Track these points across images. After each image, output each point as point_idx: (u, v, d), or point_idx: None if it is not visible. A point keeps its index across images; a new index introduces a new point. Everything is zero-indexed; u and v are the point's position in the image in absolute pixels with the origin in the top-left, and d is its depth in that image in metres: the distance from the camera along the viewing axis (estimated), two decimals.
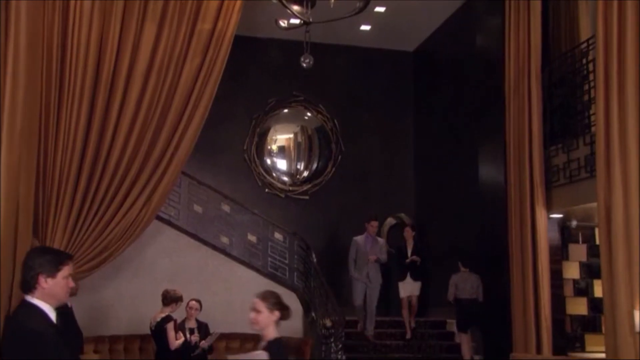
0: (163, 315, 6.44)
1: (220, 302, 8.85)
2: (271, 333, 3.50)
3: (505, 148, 8.14)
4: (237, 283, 9.02)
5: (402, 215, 11.56)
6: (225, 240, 9.36)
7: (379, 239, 9.76)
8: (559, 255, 8.04)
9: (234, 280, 9.03)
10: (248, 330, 8.80)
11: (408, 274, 9.69)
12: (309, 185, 11.47)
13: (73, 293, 6.13)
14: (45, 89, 6.78)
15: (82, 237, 6.98)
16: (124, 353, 8.04)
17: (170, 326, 6.32)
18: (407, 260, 9.69)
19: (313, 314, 8.90)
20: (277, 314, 3.56)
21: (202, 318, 8.67)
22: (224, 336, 8.58)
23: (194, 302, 6.92)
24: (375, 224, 9.57)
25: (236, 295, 8.95)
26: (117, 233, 7.13)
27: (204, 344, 6.73)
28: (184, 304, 7.15)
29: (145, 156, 7.26)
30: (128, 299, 8.49)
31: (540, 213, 7.58)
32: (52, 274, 2.93)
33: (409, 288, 9.65)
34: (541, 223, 7.56)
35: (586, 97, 7.37)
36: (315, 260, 9.08)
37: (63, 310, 5.69)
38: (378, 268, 9.38)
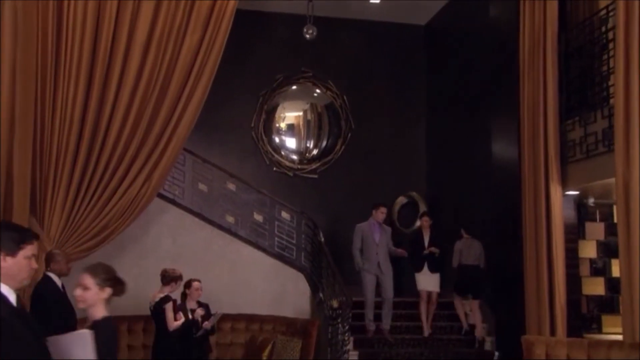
0: (162, 295, 6.25)
1: (226, 282, 8.68)
2: (99, 312, 3.10)
3: (519, 122, 7.82)
4: (243, 263, 8.84)
5: (414, 194, 11.28)
6: (230, 219, 9.15)
7: (386, 227, 8.92)
8: (574, 233, 7.74)
9: (240, 260, 8.84)
10: (255, 311, 8.74)
11: (425, 265, 8.81)
12: (318, 164, 11.21)
13: (65, 274, 5.98)
14: (41, 64, 6.60)
15: (81, 215, 6.83)
16: (127, 334, 7.88)
17: (169, 306, 6.13)
18: (425, 252, 8.82)
19: (321, 295, 8.71)
20: (108, 290, 3.15)
21: (206, 299, 8.53)
22: (229, 317, 8.42)
23: (197, 282, 6.74)
24: (384, 210, 8.79)
25: (242, 276, 8.79)
26: (116, 211, 6.97)
27: (207, 324, 6.54)
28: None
29: (145, 132, 7.07)
30: (131, 279, 8.06)
31: (555, 190, 7.27)
32: (13, 252, 2.71)
33: (428, 281, 8.78)
34: (556, 200, 7.25)
35: (605, 68, 7.00)
36: (322, 239, 8.85)
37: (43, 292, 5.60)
38: (388, 256, 8.64)
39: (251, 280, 8.80)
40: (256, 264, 8.88)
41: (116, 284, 3.13)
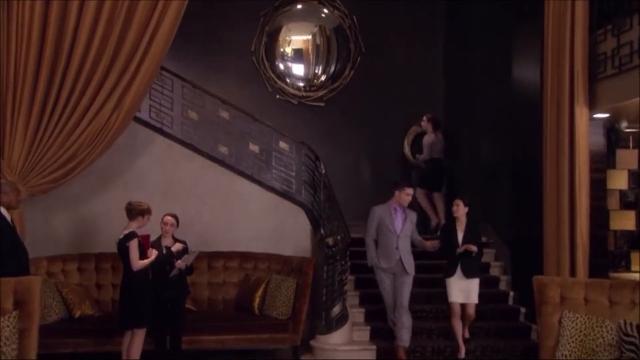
0: (127, 231, 5.62)
1: (220, 218, 8.07)
2: None
3: (542, 38, 6.83)
4: (238, 198, 8.16)
5: None
6: (224, 150, 8.41)
7: (411, 213, 6.84)
8: (603, 162, 6.90)
9: (234, 194, 8.16)
10: (250, 248, 8.11)
11: (459, 268, 6.58)
12: (325, 91, 10.36)
13: (14, 207, 5.39)
14: None
15: (45, 143, 6.25)
16: (111, 271, 7.35)
17: (133, 244, 5.49)
18: (459, 250, 6.58)
19: (322, 231, 8.01)
20: None
21: (198, 235, 7.94)
22: (222, 255, 7.85)
23: (168, 217, 6.06)
24: (410, 192, 6.76)
25: (237, 211, 8.14)
26: (85, 140, 6.35)
27: (181, 263, 5.90)
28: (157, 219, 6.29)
29: (114, 53, 6.38)
30: (117, 214, 7.57)
31: (581, 112, 6.38)
32: None
33: (462, 290, 6.59)
34: (581, 124, 6.37)
35: None
36: (324, 171, 8.08)
37: None
38: (410, 248, 6.76)
39: (247, 215, 8.12)
40: (252, 198, 8.18)
41: None
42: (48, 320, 6.69)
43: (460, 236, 6.61)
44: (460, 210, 6.66)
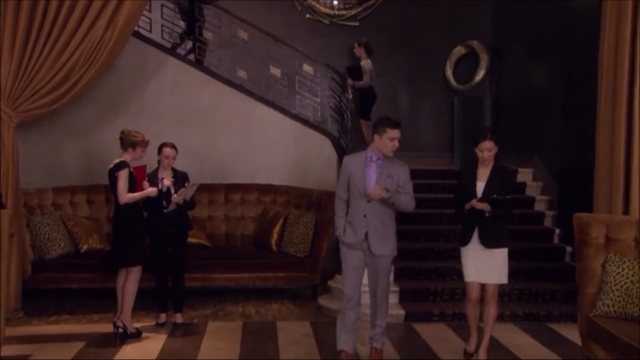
0: (118, 160, 5.08)
1: (238, 148, 7.52)
2: None
3: None
4: (258, 126, 7.54)
5: (475, 42, 9.40)
6: (242, 74, 7.76)
7: (399, 166, 4.56)
8: None
9: (254, 122, 7.54)
10: (270, 180, 7.54)
11: (475, 233, 4.59)
12: (359, 9, 9.46)
13: None
14: None
15: (34, 65, 5.73)
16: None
17: (122, 174, 4.94)
18: (467, 207, 4.57)
19: None
20: None
21: (214, 167, 7.42)
22: (240, 188, 7.33)
23: (167, 149, 5.44)
24: (395, 134, 4.42)
25: (256, 140, 7.55)
26: (78, 59, 5.81)
27: (177, 197, 5.33)
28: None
29: None
30: None
31: None
32: None
33: (480, 265, 4.60)
34: None
35: None
36: (351, 96, 7.34)
37: None
38: (390, 219, 4.59)
39: (267, 145, 7.51)
40: (273, 126, 7.54)
41: None
42: (52, 254, 6.37)
43: (480, 187, 4.58)
44: (487, 152, 4.57)
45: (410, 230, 6.74)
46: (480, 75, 9.40)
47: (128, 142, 5.10)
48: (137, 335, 5.19)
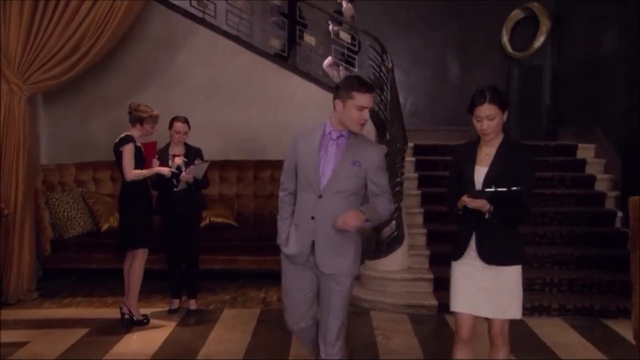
0: (123, 134, 4.70)
1: (270, 122, 7.10)
2: None
3: None
4: (293, 99, 7.10)
5: (535, 5, 8.56)
6: (275, 43, 7.27)
7: (368, 147, 3.24)
8: None
9: (288, 95, 7.10)
10: None
11: (472, 242, 3.13)
12: None
13: None
14: None
15: (44, 33, 5.49)
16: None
17: (127, 149, 4.56)
18: (459, 206, 3.06)
19: (387, 136, 6.79)
20: None
21: (243, 142, 7.02)
22: (269, 165, 6.90)
23: (179, 123, 5.02)
24: (364, 101, 3.10)
25: (292, 115, 7.08)
26: (88, 27, 5.55)
27: (186, 176, 4.93)
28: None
29: None
30: None
31: None
32: None
33: (475, 289, 3.16)
34: None
35: None
36: (391, 65, 6.75)
37: None
38: (351, 222, 3.08)
39: (301, 118, 6.98)
40: (308, 99, 7.06)
41: None
42: (72, 233, 6.14)
43: (480, 173, 3.10)
44: (487, 123, 3.06)
45: (443, 211, 6.13)
46: (539, 41, 8.55)
47: (134, 117, 4.72)
48: (144, 322, 4.88)
